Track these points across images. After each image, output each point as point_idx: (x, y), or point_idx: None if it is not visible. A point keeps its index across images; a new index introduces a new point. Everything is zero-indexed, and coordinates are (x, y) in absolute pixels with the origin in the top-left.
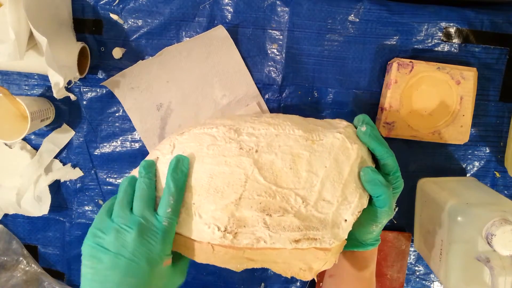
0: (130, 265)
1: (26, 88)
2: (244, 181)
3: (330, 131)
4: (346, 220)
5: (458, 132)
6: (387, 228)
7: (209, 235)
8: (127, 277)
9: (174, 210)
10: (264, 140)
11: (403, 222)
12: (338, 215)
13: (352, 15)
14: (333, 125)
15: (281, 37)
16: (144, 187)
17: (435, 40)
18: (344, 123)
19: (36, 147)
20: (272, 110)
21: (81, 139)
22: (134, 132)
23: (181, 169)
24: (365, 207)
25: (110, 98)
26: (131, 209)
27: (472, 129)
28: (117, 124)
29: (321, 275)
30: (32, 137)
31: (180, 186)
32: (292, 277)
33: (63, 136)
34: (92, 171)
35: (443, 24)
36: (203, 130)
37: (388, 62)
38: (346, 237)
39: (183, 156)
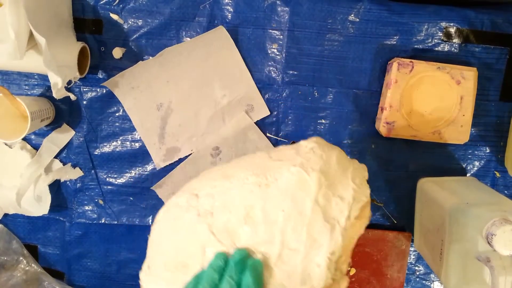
0: None
1: (26, 88)
2: (202, 249)
3: (286, 166)
4: (319, 266)
5: (458, 132)
6: (387, 228)
7: None
8: None
9: None
10: (219, 198)
11: (403, 222)
12: (309, 261)
13: (352, 15)
14: (299, 152)
15: (281, 37)
16: None
17: (435, 40)
18: (310, 144)
19: (36, 147)
20: (272, 110)
21: (81, 139)
22: (134, 132)
23: (256, 273)
24: (343, 242)
25: (110, 98)
26: None
27: (472, 129)
28: (117, 124)
29: None
30: (32, 137)
31: None
32: None
33: (63, 136)
34: (92, 171)
35: (443, 24)
36: (173, 201)
37: (388, 62)
38: (332, 280)
39: (248, 256)
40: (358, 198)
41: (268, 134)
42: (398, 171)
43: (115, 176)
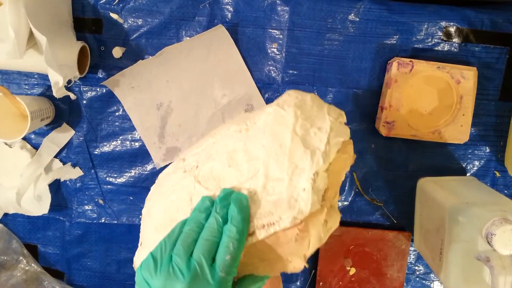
0: None
1: (26, 87)
2: (189, 200)
3: (263, 111)
4: (304, 190)
5: (458, 131)
6: (387, 227)
7: None
8: None
9: (234, 258)
10: (203, 153)
11: (403, 222)
12: (293, 188)
13: (352, 15)
14: (275, 101)
15: (281, 36)
16: (215, 227)
17: (435, 40)
18: (284, 93)
19: (36, 146)
20: None
21: (81, 138)
22: (134, 132)
23: (241, 205)
24: (325, 164)
25: (110, 98)
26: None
27: (472, 129)
28: (117, 124)
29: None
30: (32, 136)
31: (243, 227)
32: (292, 276)
33: (63, 135)
34: (92, 171)
35: (443, 24)
36: (165, 171)
37: (388, 62)
38: (320, 206)
39: (233, 191)
40: (336, 130)
41: None
42: (398, 171)
43: (115, 175)
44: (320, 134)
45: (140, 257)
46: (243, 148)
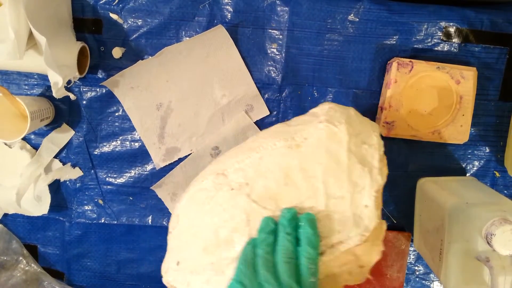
0: None
1: (26, 87)
2: (246, 220)
3: (313, 124)
4: (366, 206)
5: (458, 131)
6: (387, 227)
7: None
8: None
9: (316, 279)
10: (250, 169)
11: (403, 222)
12: (356, 206)
13: (352, 15)
14: (315, 115)
15: (280, 36)
16: (291, 249)
17: (435, 40)
18: (325, 107)
19: (35, 147)
20: (272, 110)
21: (80, 138)
22: (134, 132)
23: (313, 225)
24: (384, 181)
25: (110, 98)
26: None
27: (472, 129)
28: (116, 124)
29: None
30: (32, 136)
31: (318, 248)
32: None
33: (63, 135)
34: (92, 171)
35: (443, 24)
36: (196, 187)
37: (388, 62)
38: (379, 220)
39: (295, 211)
40: (379, 145)
41: None
42: (397, 171)
43: (114, 176)
44: (371, 150)
45: (181, 278)
46: (298, 166)
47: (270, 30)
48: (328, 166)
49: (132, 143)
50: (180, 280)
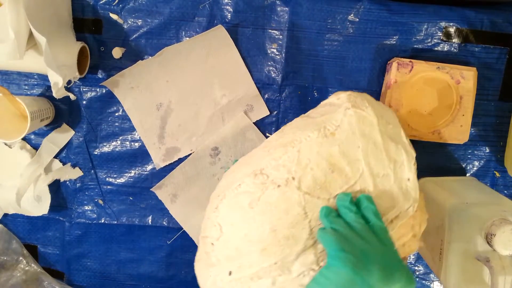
0: None
1: (26, 87)
2: (304, 213)
3: (338, 112)
4: (409, 179)
5: (458, 131)
6: None
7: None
8: None
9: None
10: (291, 164)
11: None
12: (400, 180)
13: (352, 15)
14: (335, 104)
15: (281, 36)
16: (364, 225)
17: (435, 40)
18: (342, 95)
19: (36, 147)
20: (272, 110)
21: (80, 138)
22: (134, 132)
23: (373, 204)
24: (415, 153)
25: (110, 98)
26: None
27: (472, 129)
28: (116, 124)
29: None
30: (32, 136)
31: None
32: None
33: (63, 135)
34: (92, 171)
35: (443, 24)
36: (234, 192)
37: (388, 62)
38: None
39: (350, 195)
40: (400, 124)
41: (268, 134)
42: None
43: (114, 176)
44: (396, 129)
45: (242, 285)
46: (339, 152)
47: (270, 30)
48: (366, 148)
49: (132, 143)
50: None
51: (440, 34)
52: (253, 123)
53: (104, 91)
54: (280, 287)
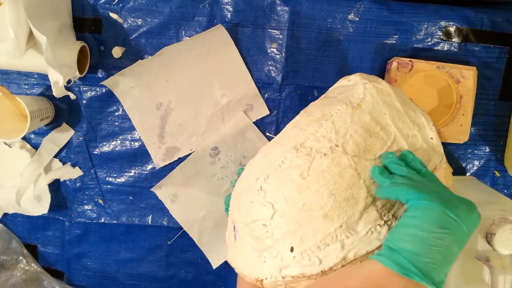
0: None
1: (26, 87)
2: (357, 174)
3: (358, 87)
4: (432, 138)
5: (458, 131)
6: None
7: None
8: None
9: None
10: (330, 134)
11: None
12: (425, 139)
13: (352, 14)
14: (347, 85)
15: (281, 36)
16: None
17: (435, 39)
18: (352, 77)
19: (35, 146)
20: (272, 110)
21: (80, 138)
22: (134, 131)
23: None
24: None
25: (110, 97)
26: None
27: (472, 128)
28: (116, 123)
29: None
30: (32, 136)
31: None
32: None
33: (63, 135)
34: (92, 170)
35: (442, 23)
36: (278, 169)
37: (388, 61)
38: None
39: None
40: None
41: (267, 134)
42: None
43: (114, 175)
44: (406, 99)
45: (301, 262)
46: (370, 119)
47: (270, 30)
48: (391, 114)
49: (132, 143)
50: (305, 263)
51: (440, 34)
52: (253, 122)
53: (104, 90)
54: (349, 249)
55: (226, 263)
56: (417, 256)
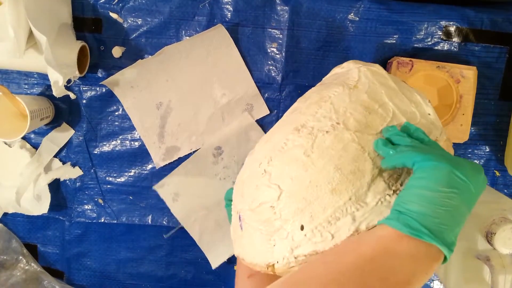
0: None
1: (26, 87)
2: (361, 148)
3: (353, 72)
4: (429, 114)
5: (458, 130)
6: None
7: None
8: None
9: None
10: (331, 113)
11: None
12: (423, 114)
13: (352, 14)
14: (341, 72)
15: (281, 36)
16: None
17: (435, 39)
18: (345, 64)
19: (35, 146)
20: (271, 109)
21: (80, 138)
22: (134, 131)
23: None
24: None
25: (110, 97)
26: None
27: (472, 128)
28: (116, 123)
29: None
30: (32, 136)
31: None
32: None
33: (63, 135)
34: (92, 170)
35: (443, 23)
36: (282, 151)
37: (388, 61)
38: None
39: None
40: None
41: None
42: None
43: (114, 175)
44: (398, 79)
45: (313, 239)
46: (368, 98)
47: (270, 29)
48: (388, 93)
49: (132, 142)
50: (317, 240)
51: (440, 33)
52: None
53: (104, 90)
54: (361, 221)
55: (225, 263)
56: (426, 217)
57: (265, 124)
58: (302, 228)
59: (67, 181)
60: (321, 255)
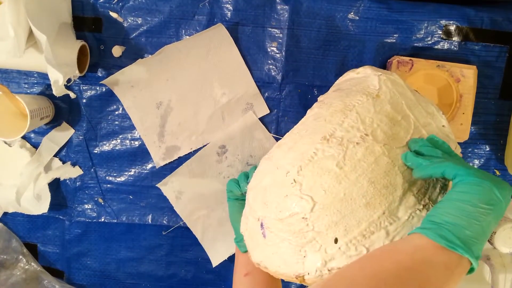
0: None
1: (26, 86)
2: (391, 161)
3: (372, 79)
4: (444, 126)
5: (458, 130)
6: None
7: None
8: None
9: None
10: (357, 124)
11: None
12: (439, 127)
13: (352, 13)
14: (357, 77)
15: (281, 35)
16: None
17: (435, 38)
18: (360, 69)
19: (35, 145)
20: (272, 109)
21: (80, 137)
22: (134, 130)
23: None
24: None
25: (110, 96)
26: None
27: (472, 127)
28: (116, 123)
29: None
30: (32, 135)
31: None
32: None
33: (63, 134)
34: (92, 170)
35: (443, 22)
36: (312, 161)
37: (388, 60)
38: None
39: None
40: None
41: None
42: None
43: (114, 174)
44: (412, 89)
45: (347, 253)
46: (391, 108)
47: (270, 29)
48: (407, 103)
49: (132, 142)
50: (352, 253)
51: (440, 32)
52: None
53: (104, 89)
54: (394, 235)
55: (225, 262)
56: (462, 230)
57: (265, 123)
58: (336, 241)
59: (67, 181)
60: (356, 262)
